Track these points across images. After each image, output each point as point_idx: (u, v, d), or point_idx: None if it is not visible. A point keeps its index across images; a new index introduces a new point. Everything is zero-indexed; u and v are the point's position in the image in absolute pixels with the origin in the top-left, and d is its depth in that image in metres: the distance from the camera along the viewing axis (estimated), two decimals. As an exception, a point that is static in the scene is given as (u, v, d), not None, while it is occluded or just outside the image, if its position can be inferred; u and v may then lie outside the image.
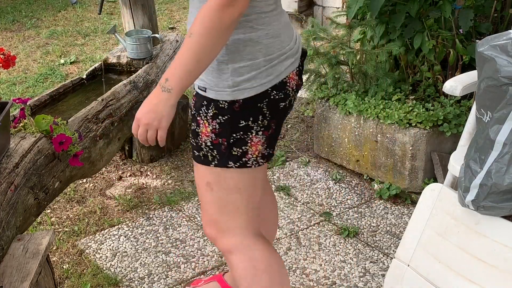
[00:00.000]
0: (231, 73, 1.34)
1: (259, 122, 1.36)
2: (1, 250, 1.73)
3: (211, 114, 1.36)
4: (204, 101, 1.38)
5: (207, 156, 1.40)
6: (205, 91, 1.38)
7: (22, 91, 4.05)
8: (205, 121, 1.37)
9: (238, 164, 1.37)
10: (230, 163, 1.38)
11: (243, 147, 1.36)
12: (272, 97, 1.37)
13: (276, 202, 1.97)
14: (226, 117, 1.35)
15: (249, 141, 1.35)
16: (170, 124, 1.32)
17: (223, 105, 1.35)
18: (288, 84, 1.42)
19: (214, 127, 1.36)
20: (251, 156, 1.37)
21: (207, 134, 1.38)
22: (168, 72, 1.30)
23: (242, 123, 1.34)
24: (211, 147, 1.38)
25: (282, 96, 1.40)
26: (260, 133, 1.36)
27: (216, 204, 1.46)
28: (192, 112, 1.43)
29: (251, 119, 1.35)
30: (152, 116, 1.29)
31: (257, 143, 1.36)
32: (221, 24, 1.25)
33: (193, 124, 1.44)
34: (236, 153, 1.36)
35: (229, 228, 1.46)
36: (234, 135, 1.35)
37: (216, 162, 1.39)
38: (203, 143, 1.40)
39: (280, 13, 1.48)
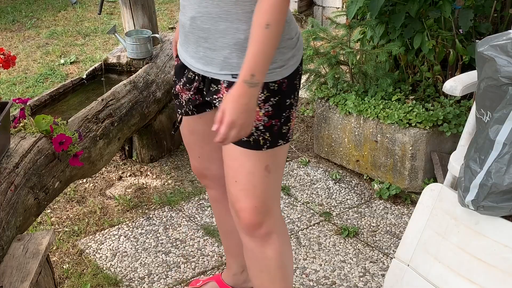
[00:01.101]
0: (278, 54, 1.33)
1: (296, 97, 1.38)
2: (1, 250, 1.73)
3: (262, 98, 1.34)
4: None
5: (258, 141, 1.38)
6: None
7: (22, 91, 4.04)
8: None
9: (285, 141, 1.39)
10: (279, 141, 1.38)
11: (289, 124, 1.38)
12: (300, 72, 1.40)
13: None
14: (277, 97, 1.34)
15: (291, 117, 1.39)
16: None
17: (273, 87, 1.34)
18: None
19: (267, 109, 1.35)
20: (291, 130, 1.40)
21: (259, 119, 1.36)
22: (251, 67, 1.25)
23: (288, 101, 1.36)
24: (263, 130, 1.37)
25: (303, 70, 1.42)
26: (295, 108, 1.40)
27: (271, 186, 1.43)
28: None
29: (292, 96, 1.37)
30: (246, 116, 1.26)
31: (294, 118, 1.40)
32: (287, 7, 1.24)
33: None
34: (285, 130, 1.38)
35: (273, 207, 1.45)
36: (284, 114, 1.36)
37: (268, 144, 1.39)
38: (254, 128, 1.38)
39: None
